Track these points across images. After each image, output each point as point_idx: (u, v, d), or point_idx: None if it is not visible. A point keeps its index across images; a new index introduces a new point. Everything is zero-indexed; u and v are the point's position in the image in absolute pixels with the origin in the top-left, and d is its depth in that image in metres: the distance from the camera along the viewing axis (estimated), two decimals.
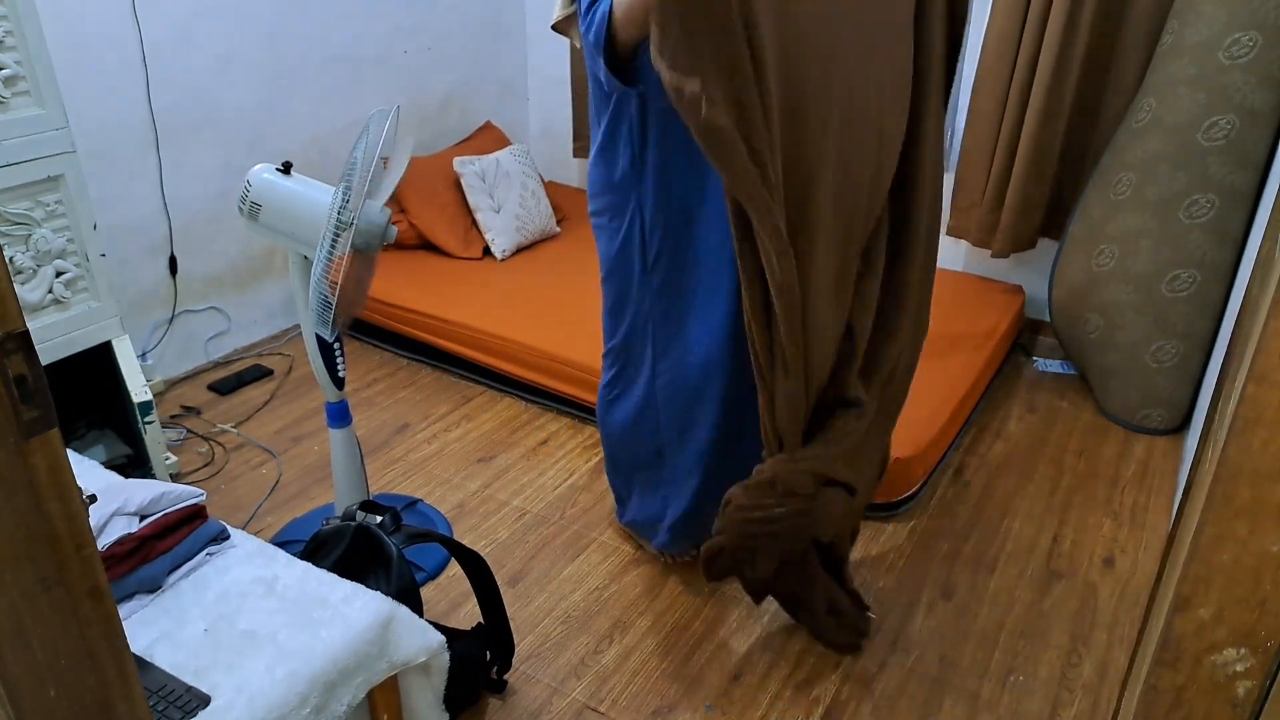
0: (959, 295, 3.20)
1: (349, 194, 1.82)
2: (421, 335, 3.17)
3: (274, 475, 2.66)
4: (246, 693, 1.32)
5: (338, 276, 1.84)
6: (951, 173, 3.31)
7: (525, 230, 3.61)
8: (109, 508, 1.51)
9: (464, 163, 3.56)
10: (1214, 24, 2.45)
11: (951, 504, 2.53)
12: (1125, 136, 2.74)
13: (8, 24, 2.02)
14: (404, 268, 3.41)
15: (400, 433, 2.86)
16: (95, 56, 2.68)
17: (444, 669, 1.63)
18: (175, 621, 1.46)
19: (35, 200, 2.15)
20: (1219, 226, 2.57)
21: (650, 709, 1.92)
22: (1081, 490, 2.58)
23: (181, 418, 2.93)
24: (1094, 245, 2.82)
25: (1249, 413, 0.77)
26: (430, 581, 2.25)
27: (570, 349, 2.82)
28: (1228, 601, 0.83)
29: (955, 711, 1.91)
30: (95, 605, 0.71)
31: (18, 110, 2.08)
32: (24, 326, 0.62)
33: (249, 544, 1.65)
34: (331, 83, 3.38)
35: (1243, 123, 2.48)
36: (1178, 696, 0.89)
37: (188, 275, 3.10)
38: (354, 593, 1.53)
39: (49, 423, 0.64)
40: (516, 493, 2.58)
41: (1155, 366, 2.75)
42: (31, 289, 2.19)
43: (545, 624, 2.13)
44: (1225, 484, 0.80)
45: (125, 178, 2.84)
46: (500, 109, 4.15)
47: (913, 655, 2.04)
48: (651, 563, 2.31)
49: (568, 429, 2.87)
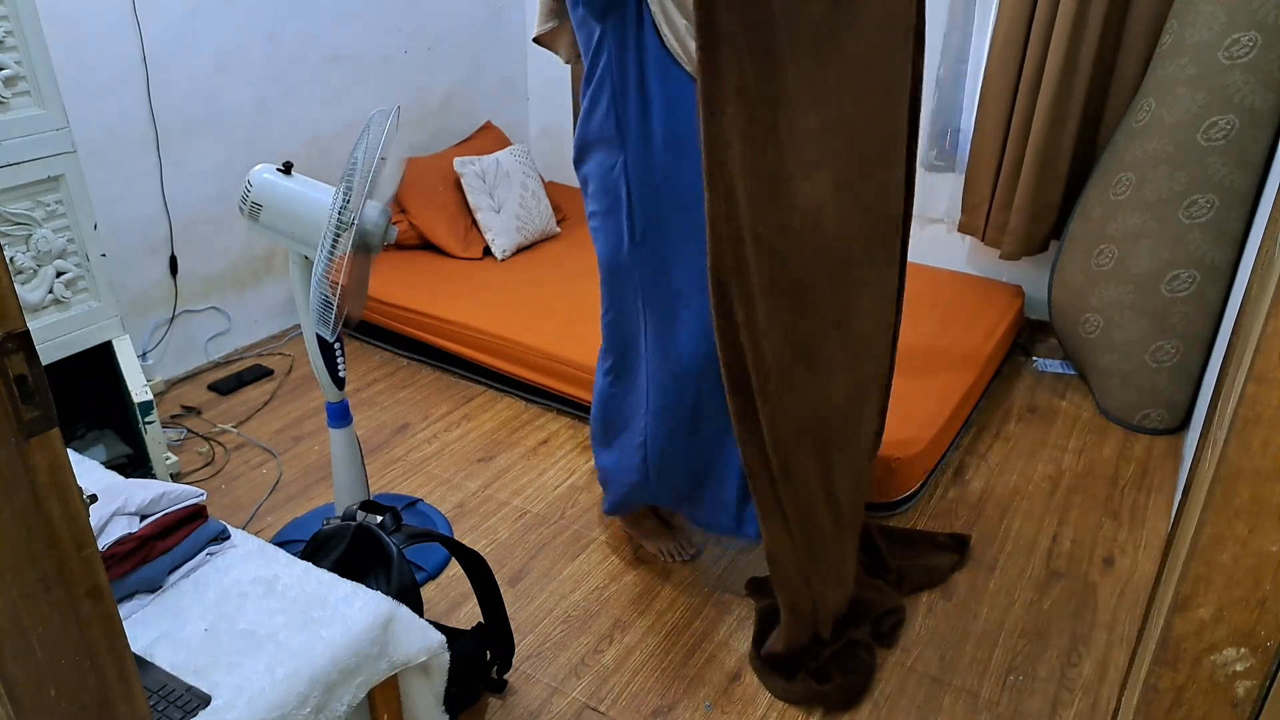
0: (959, 295, 3.20)
1: (349, 194, 1.82)
2: (421, 335, 3.17)
3: (274, 475, 2.66)
4: (247, 692, 1.32)
5: (338, 276, 1.84)
6: (960, 173, 3.32)
7: (525, 230, 3.61)
8: (109, 508, 1.51)
9: (464, 163, 3.56)
10: (1214, 24, 2.45)
11: (951, 504, 2.53)
12: (1125, 136, 2.74)
13: (8, 24, 2.02)
14: (404, 268, 3.41)
15: (400, 433, 2.86)
16: (95, 56, 2.68)
17: (444, 669, 1.63)
18: (175, 621, 1.46)
19: (35, 200, 2.15)
20: (1219, 226, 2.57)
21: (650, 709, 1.92)
22: (1081, 490, 2.58)
23: (182, 418, 2.93)
24: (1094, 245, 2.82)
25: (1249, 413, 0.77)
26: (430, 581, 2.25)
27: (570, 349, 2.82)
28: (1228, 601, 0.83)
29: (955, 711, 1.91)
30: (95, 605, 0.71)
31: (18, 110, 2.08)
32: (24, 326, 0.62)
33: (249, 544, 1.65)
34: (331, 83, 3.38)
35: (1243, 123, 2.48)
36: (1178, 696, 0.89)
37: (188, 275, 3.10)
38: (354, 593, 1.53)
39: (49, 422, 0.64)
40: (516, 493, 2.58)
41: (1155, 366, 2.75)
42: (32, 289, 2.19)
43: (545, 624, 2.13)
44: (1225, 484, 0.80)
45: (125, 178, 2.84)
46: (500, 109, 4.16)
47: (913, 655, 2.04)
48: (651, 563, 2.31)
49: (568, 429, 2.87)
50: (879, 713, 1.90)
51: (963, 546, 2.31)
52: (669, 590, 2.23)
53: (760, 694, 1.95)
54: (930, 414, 2.53)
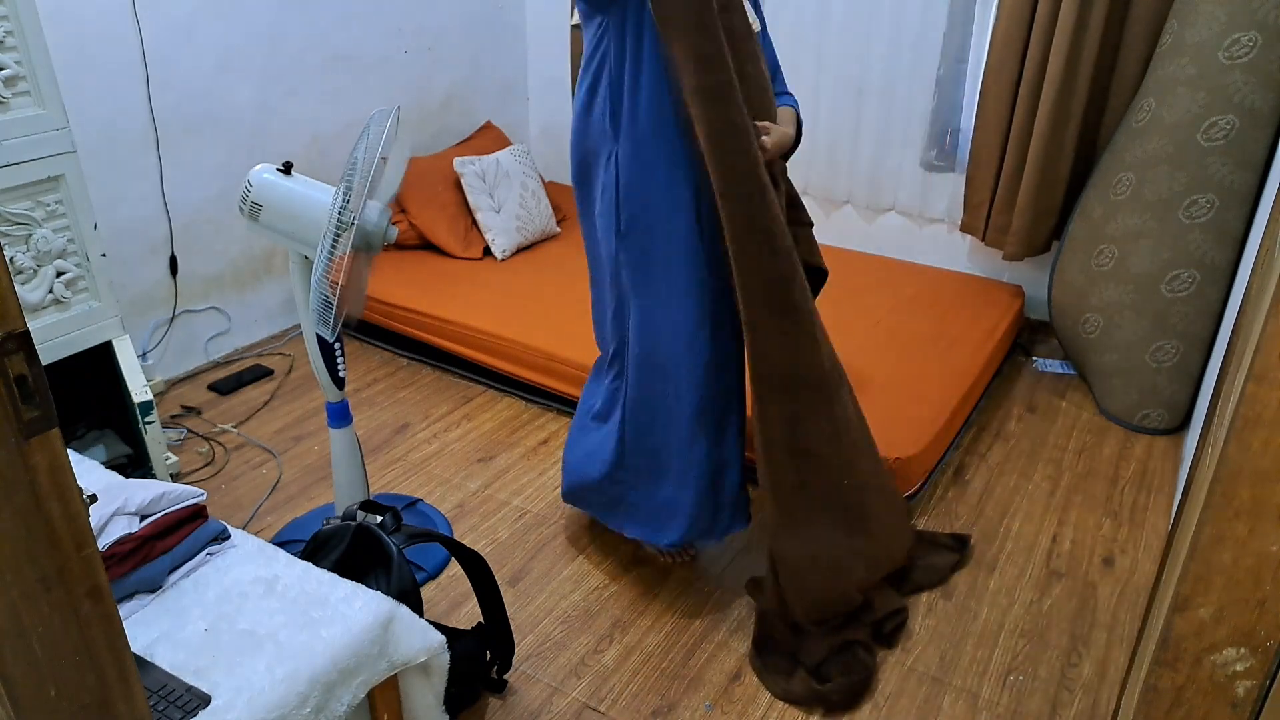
0: (959, 295, 3.20)
1: (349, 194, 1.82)
2: (421, 335, 3.17)
3: (274, 475, 2.66)
4: (246, 693, 1.32)
5: (338, 277, 1.84)
6: (960, 173, 3.32)
7: (525, 230, 3.61)
8: (109, 508, 1.51)
9: (464, 163, 3.56)
10: (1214, 24, 2.45)
11: (951, 504, 2.53)
12: (1125, 136, 2.74)
13: (8, 24, 2.02)
14: (404, 268, 3.41)
15: (400, 433, 2.86)
16: (95, 56, 2.68)
17: (444, 669, 1.63)
18: (175, 621, 1.46)
19: (35, 200, 2.15)
20: (1219, 226, 2.57)
21: (650, 709, 1.92)
22: (1081, 490, 2.58)
23: (182, 418, 2.93)
24: (1094, 245, 2.82)
25: (1249, 413, 0.77)
26: (430, 581, 2.25)
27: (570, 349, 2.82)
28: (1228, 601, 0.83)
29: (955, 711, 1.91)
30: (95, 605, 0.71)
31: (18, 110, 2.08)
32: (24, 326, 0.62)
33: (249, 544, 1.65)
34: (331, 83, 3.38)
35: (1243, 123, 2.48)
36: (1178, 696, 0.89)
37: (188, 275, 3.10)
38: (354, 592, 1.53)
39: (49, 422, 0.64)
40: (516, 492, 2.58)
41: (1155, 366, 2.75)
42: (32, 289, 2.19)
43: (545, 624, 2.13)
44: (1225, 484, 0.80)
45: (125, 178, 2.84)
46: (500, 109, 4.16)
47: (913, 655, 2.04)
48: (651, 563, 2.31)
49: (567, 429, 2.87)
50: (879, 713, 1.90)
51: (963, 546, 2.32)
52: (669, 590, 2.23)
53: (760, 694, 1.95)
54: (930, 414, 2.53)
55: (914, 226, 3.55)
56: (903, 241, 3.57)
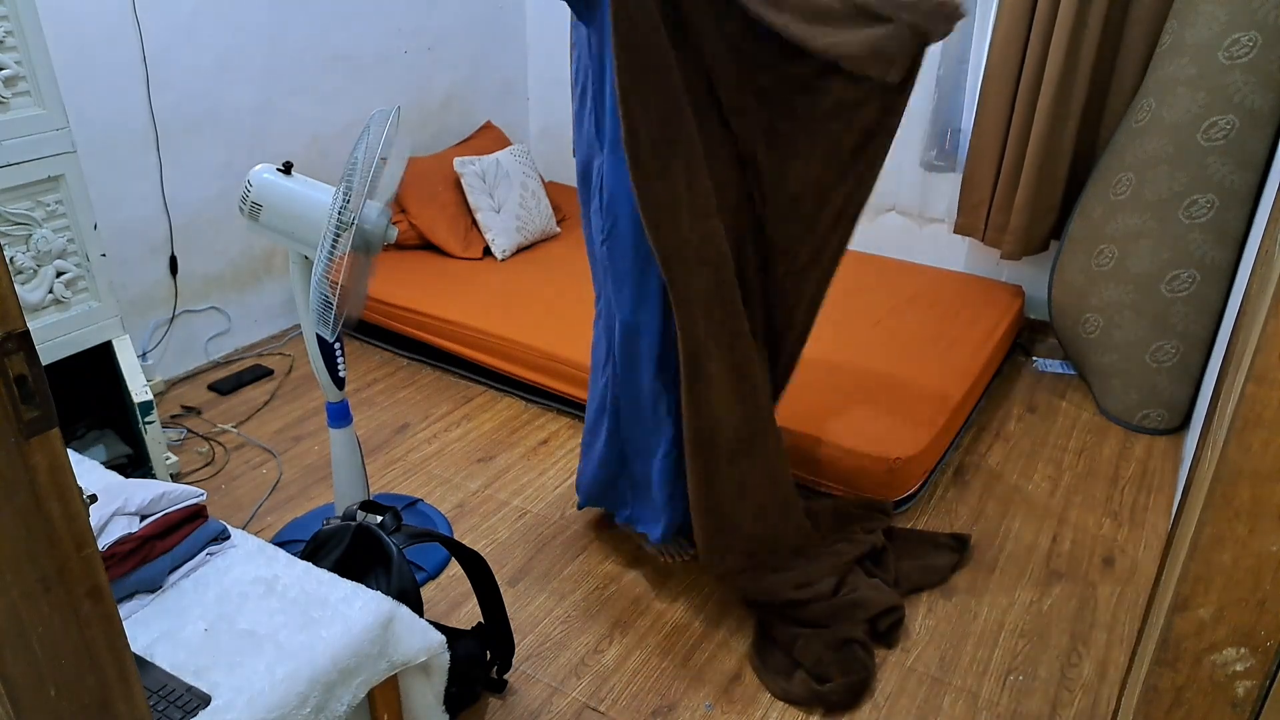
0: (959, 295, 3.20)
1: (349, 194, 1.82)
2: (421, 335, 3.17)
3: (274, 475, 2.66)
4: (246, 693, 1.32)
5: (338, 277, 1.84)
6: (960, 173, 3.32)
7: (525, 230, 3.61)
8: (109, 508, 1.51)
9: (464, 163, 3.56)
10: (1214, 24, 2.45)
11: (951, 504, 2.53)
12: (1125, 136, 2.74)
13: (8, 24, 2.02)
14: (404, 268, 3.41)
15: (400, 433, 2.86)
16: (95, 56, 2.68)
17: (444, 669, 1.63)
18: (175, 621, 1.46)
19: (35, 200, 2.15)
20: (1219, 226, 2.57)
21: (650, 709, 1.92)
22: (1081, 490, 2.58)
23: (182, 418, 2.93)
24: (1094, 245, 2.82)
25: (1249, 413, 0.77)
26: (430, 581, 2.25)
27: (570, 349, 2.82)
28: (1228, 601, 0.83)
29: (955, 711, 1.91)
30: (95, 605, 0.71)
31: (18, 110, 2.08)
32: (24, 326, 0.62)
33: (249, 544, 1.65)
34: (331, 83, 3.38)
35: (1243, 123, 2.48)
36: (1178, 696, 0.89)
37: (188, 275, 3.10)
38: (354, 593, 1.53)
39: (49, 422, 0.64)
40: (516, 492, 2.58)
41: (1155, 366, 2.75)
42: (32, 289, 2.19)
43: (545, 624, 2.13)
44: (1225, 484, 0.80)
45: (125, 178, 2.84)
46: (500, 109, 4.16)
47: (913, 655, 2.04)
48: (651, 563, 2.31)
49: (568, 429, 2.87)
50: (879, 713, 1.90)
51: (963, 546, 2.32)
52: (669, 590, 2.23)
53: (760, 694, 1.95)
54: (930, 414, 2.53)
55: (914, 226, 3.54)
56: (903, 241, 3.57)
